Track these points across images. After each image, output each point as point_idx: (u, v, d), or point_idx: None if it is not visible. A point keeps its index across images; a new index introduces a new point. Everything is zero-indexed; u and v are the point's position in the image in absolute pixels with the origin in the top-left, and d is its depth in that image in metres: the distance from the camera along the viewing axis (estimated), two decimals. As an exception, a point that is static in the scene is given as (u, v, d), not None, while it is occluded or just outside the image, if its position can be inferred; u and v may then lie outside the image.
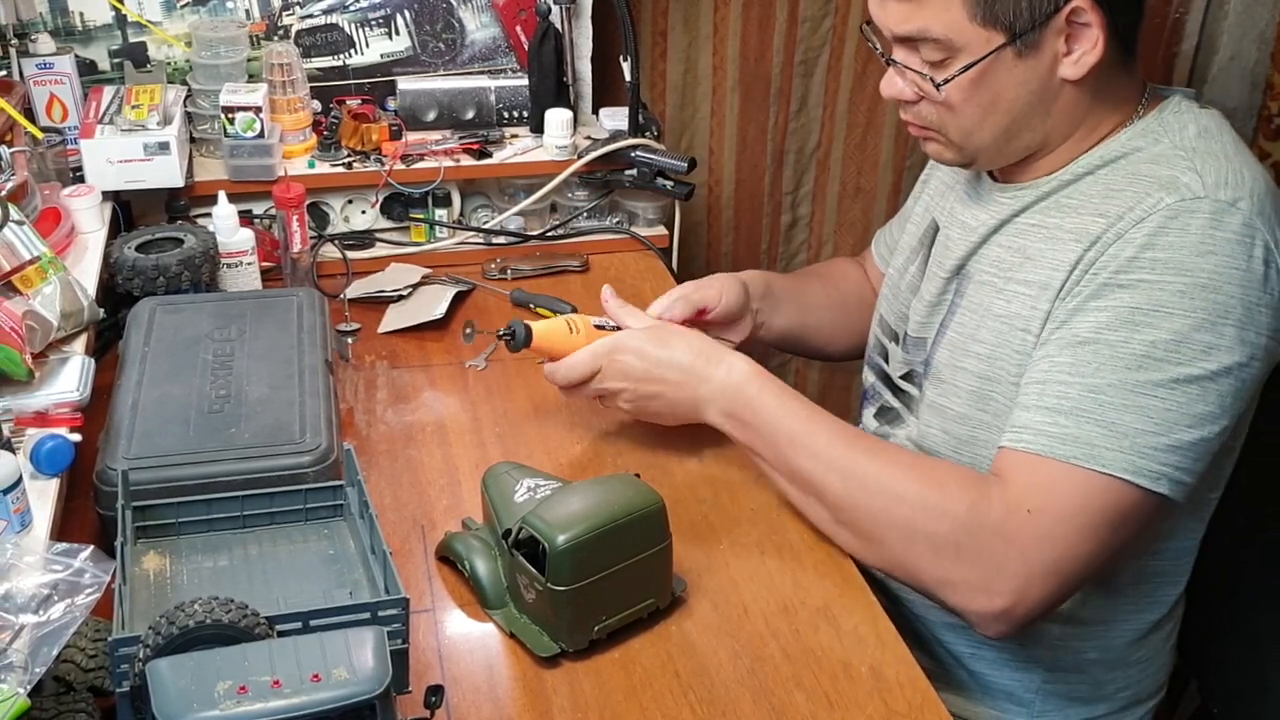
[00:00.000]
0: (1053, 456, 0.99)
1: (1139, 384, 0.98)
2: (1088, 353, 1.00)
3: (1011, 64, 1.03)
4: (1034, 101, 1.06)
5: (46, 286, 1.17)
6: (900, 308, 1.27)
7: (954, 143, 1.11)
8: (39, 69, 1.47)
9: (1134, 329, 0.99)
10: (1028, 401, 1.03)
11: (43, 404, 1.09)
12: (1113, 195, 1.05)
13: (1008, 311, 1.10)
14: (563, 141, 1.59)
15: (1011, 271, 1.11)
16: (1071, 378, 1.00)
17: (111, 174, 1.42)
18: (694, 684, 0.97)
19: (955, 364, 1.15)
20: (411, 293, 1.50)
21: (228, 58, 1.53)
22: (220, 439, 1.07)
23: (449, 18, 1.66)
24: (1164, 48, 1.92)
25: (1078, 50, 1.03)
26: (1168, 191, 1.01)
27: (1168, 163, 1.04)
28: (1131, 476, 0.98)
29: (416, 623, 1.00)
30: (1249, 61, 1.87)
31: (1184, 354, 0.98)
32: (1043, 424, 1.01)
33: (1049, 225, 1.09)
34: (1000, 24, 1.01)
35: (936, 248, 1.23)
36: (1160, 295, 0.98)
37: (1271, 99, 1.87)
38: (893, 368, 1.28)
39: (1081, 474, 0.98)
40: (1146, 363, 0.98)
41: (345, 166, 1.55)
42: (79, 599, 0.80)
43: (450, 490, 1.18)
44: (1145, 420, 0.98)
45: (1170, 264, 0.99)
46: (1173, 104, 1.10)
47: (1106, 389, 0.99)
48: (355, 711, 0.73)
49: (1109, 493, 0.98)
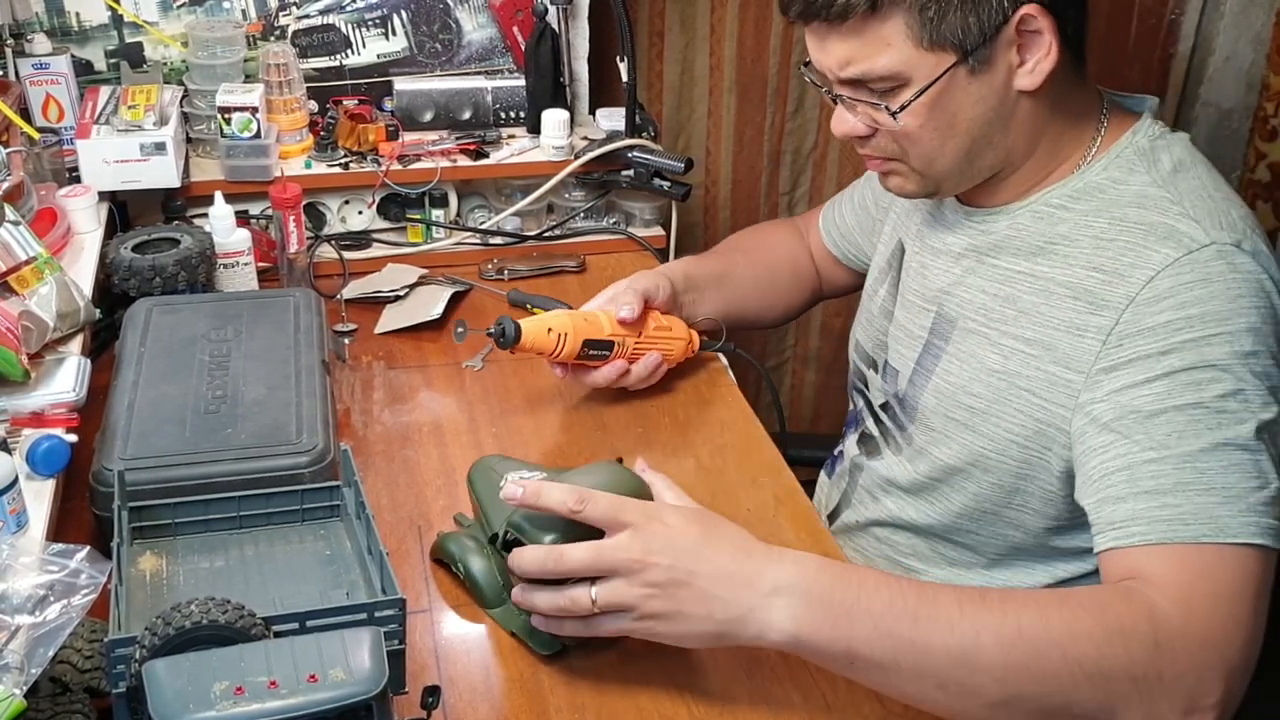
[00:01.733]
0: (1179, 541, 0.90)
1: (1227, 442, 0.92)
2: (1163, 425, 0.94)
3: (966, 82, 1.00)
4: (993, 119, 1.03)
5: (43, 287, 1.17)
6: (877, 334, 1.26)
7: (916, 171, 1.08)
8: (35, 69, 1.47)
9: (1199, 389, 0.94)
10: (1119, 493, 0.94)
11: (39, 404, 1.08)
12: (1103, 245, 1.01)
13: (1005, 368, 1.06)
14: (559, 142, 1.59)
15: (1003, 325, 1.07)
16: (1158, 453, 0.93)
17: (108, 174, 1.42)
18: (691, 684, 0.97)
19: (946, 414, 1.12)
20: (408, 293, 1.50)
21: (224, 58, 1.53)
22: (217, 439, 1.07)
23: (446, 18, 1.66)
24: (1160, 49, 1.93)
25: (1031, 59, 1.00)
26: (1168, 244, 0.98)
27: (1156, 207, 1.01)
28: (1260, 539, 0.91)
29: (413, 623, 1.00)
30: (1245, 63, 1.87)
31: (1254, 401, 0.94)
32: (1151, 511, 0.92)
33: (1038, 275, 1.05)
34: (949, 44, 0.98)
35: (905, 272, 1.21)
36: (1210, 351, 0.94)
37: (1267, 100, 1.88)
38: (873, 395, 1.27)
39: (1214, 550, 0.90)
40: (1224, 419, 0.93)
41: (342, 167, 1.55)
42: (75, 600, 0.80)
43: (447, 490, 1.18)
44: (1247, 477, 0.92)
45: (1207, 317, 0.95)
46: (1145, 128, 1.07)
47: (1200, 455, 0.92)
48: (352, 712, 0.73)
49: (1250, 561, 0.91)
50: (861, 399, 1.30)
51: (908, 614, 0.86)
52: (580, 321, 1.22)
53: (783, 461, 1.25)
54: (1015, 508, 1.10)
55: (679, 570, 0.88)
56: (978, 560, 1.16)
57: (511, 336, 1.18)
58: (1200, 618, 0.88)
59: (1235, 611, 0.90)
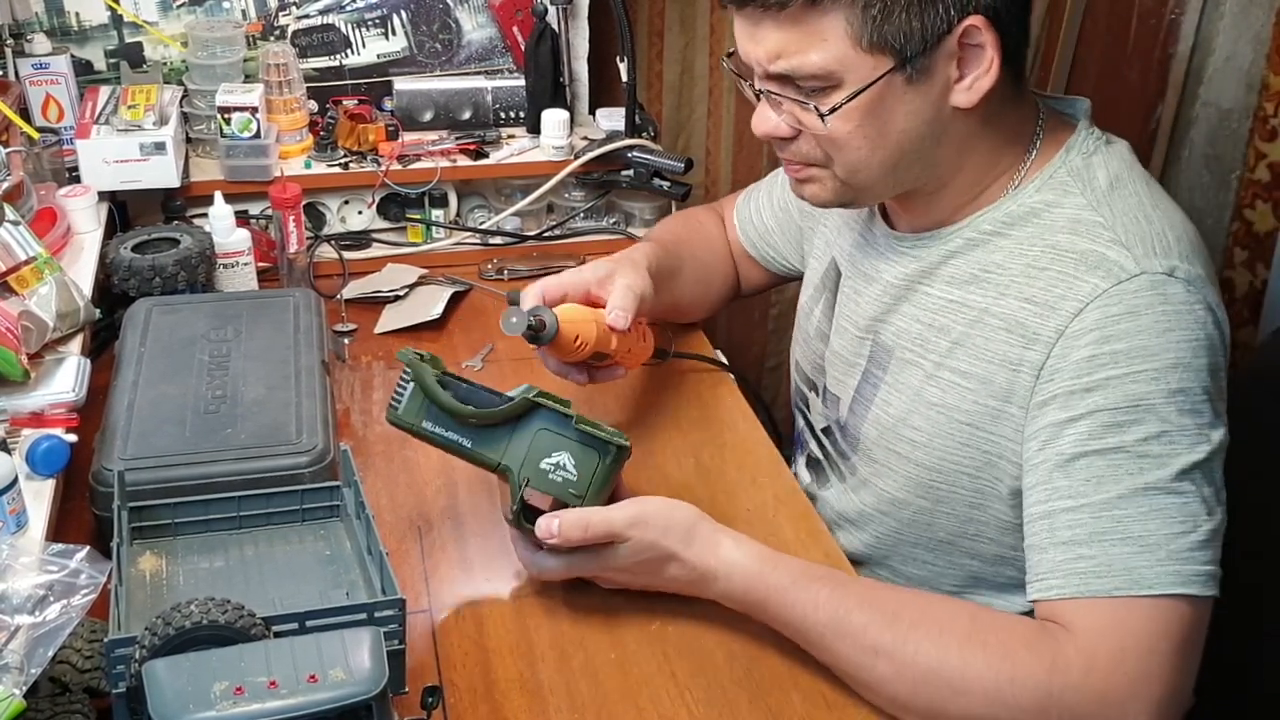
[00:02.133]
0: (1094, 595, 0.90)
1: (1147, 487, 0.90)
2: (1081, 470, 0.92)
3: (901, 91, 0.95)
4: (924, 132, 0.98)
5: (42, 287, 1.17)
6: (814, 357, 1.23)
7: (838, 179, 1.02)
8: (35, 69, 1.47)
9: (1121, 431, 0.91)
10: (1039, 541, 0.94)
11: (38, 404, 1.08)
12: (1035, 275, 0.98)
13: (943, 401, 1.04)
14: (559, 142, 1.59)
15: (940, 357, 1.04)
16: (1075, 501, 0.92)
17: (107, 174, 1.42)
18: (691, 684, 0.97)
19: (888, 447, 1.09)
20: (408, 293, 1.50)
21: (224, 58, 1.53)
22: (216, 439, 1.07)
23: (445, 18, 1.66)
24: (1160, 49, 1.93)
25: (970, 75, 0.95)
26: (1097, 274, 0.94)
27: (1089, 233, 0.97)
28: (1182, 589, 0.89)
29: (413, 623, 1.00)
30: (1245, 63, 1.87)
31: (1180, 443, 0.91)
32: (1066, 563, 0.91)
33: (971, 305, 1.02)
34: (889, 47, 0.93)
35: (841, 296, 1.18)
36: (1134, 388, 0.91)
37: (1267, 100, 1.87)
38: (814, 418, 1.25)
39: (1126, 603, 0.89)
40: (1146, 464, 0.91)
41: (342, 167, 1.55)
42: (75, 600, 0.80)
43: (447, 491, 1.18)
44: (1170, 523, 0.90)
45: (1132, 353, 0.92)
46: (1079, 143, 1.03)
47: (1118, 502, 0.91)
48: (352, 712, 0.73)
49: (1169, 612, 0.89)
50: (803, 419, 1.28)
51: (817, 632, 0.96)
52: (604, 333, 1.14)
53: (783, 462, 1.25)
54: (971, 537, 1.08)
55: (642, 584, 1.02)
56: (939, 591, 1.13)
57: (550, 335, 1.09)
58: (1101, 673, 0.88)
59: (1145, 667, 0.88)
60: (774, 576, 0.97)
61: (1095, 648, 0.89)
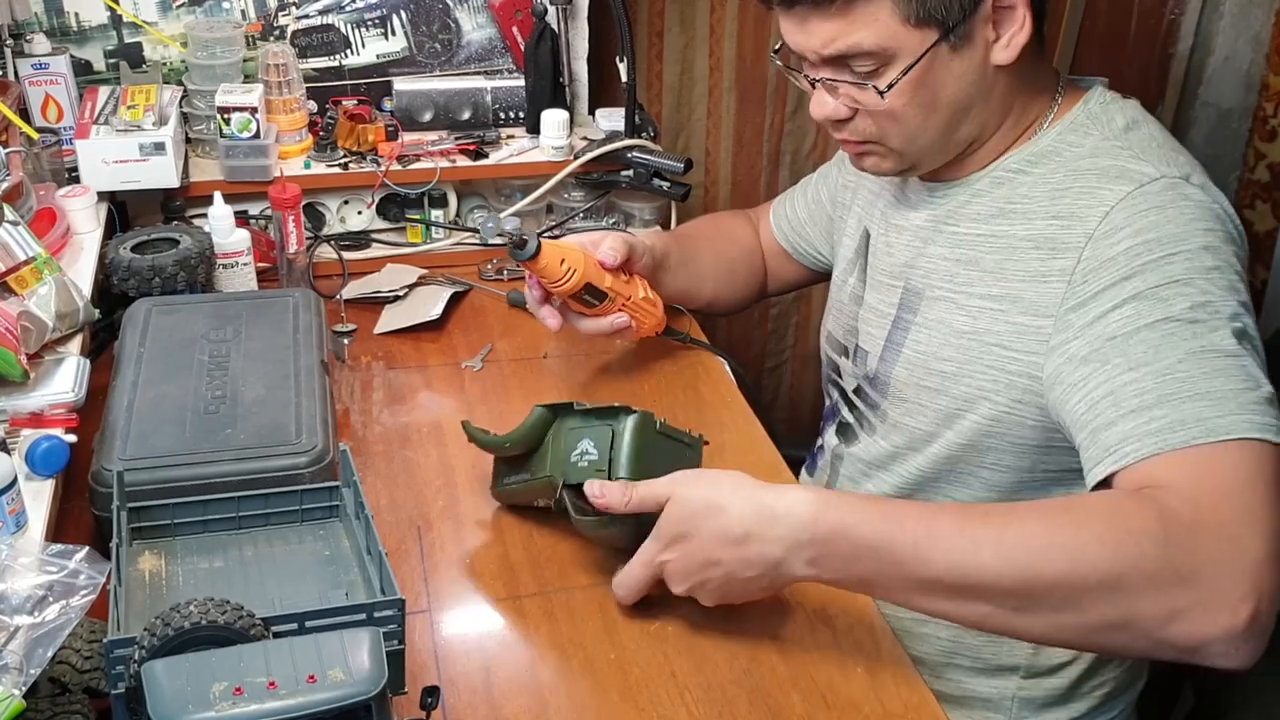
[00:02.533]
0: (1171, 449, 0.89)
1: (1204, 350, 0.93)
2: (1138, 344, 0.94)
3: (948, 59, 1.03)
4: (973, 93, 1.06)
5: (42, 287, 1.17)
6: (848, 321, 1.27)
7: (895, 150, 1.09)
8: (34, 69, 1.47)
9: (1168, 304, 0.95)
10: (1107, 418, 0.93)
11: (38, 405, 1.08)
12: (1059, 195, 1.05)
13: (974, 328, 1.08)
14: (559, 142, 1.59)
15: (968, 286, 1.09)
16: (1137, 373, 0.93)
17: (107, 174, 1.42)
18: (690, 684, 0.97)
19: (918, 383, 1.13)
20: (408, 293, 1.50)
21: (223, 58, 1.53)
22: (216, 440, 1.07)
23: (445, 18, 1.66)
24: (1160, 49, 1.93)
25: (1006, 33, 1.03)
26: (1121, 181, 1.02)
27: (1108, 154, 1.05)
28: (1257, 433, 0.89)
29: (412, 624, 1.00)
30: (1244, 63, 1.87)
31: (1224, 311, 0.95)
32: (1140, 427, 0.91)
33: (999, 235, 1.08)
34: (934, 20, 1.00)
35: (873, 254, 1.23)
36: (1171, 268, 0.96)
37: (1266, 100, 1.88)
38: (845, 382, 1.28)
39: (1211, 448, 0.88)
40: (1198, 329, 0.94)
41: (341, 167, 1.55)
42: (74, 600, 0.80)
43: (446, 491, 1.18)
44: (1233, 380, 0.91)
45: (1164, 240, 0.98)
46: (1096, 95, 1.11)
47: (1179, 365, 0.92)
48: (351, 713, 0.73)
49: (1258, 453, 0.88)
50: (836, 390, 1.31)
51: (909, 543, 0.89)
52: (591, 265, 1.24)
53: (782, 461, 1.25)
54: (989, 466, 1.11)
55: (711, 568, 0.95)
56: None
57: (531, 251, 1.18)
58: (1210, 510, 0.86)
59: (1248, 502, 0.87)
60: (844, 501, 0.92)
61: (1197, 491, 0.87)
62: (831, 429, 1.31)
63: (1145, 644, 0.87)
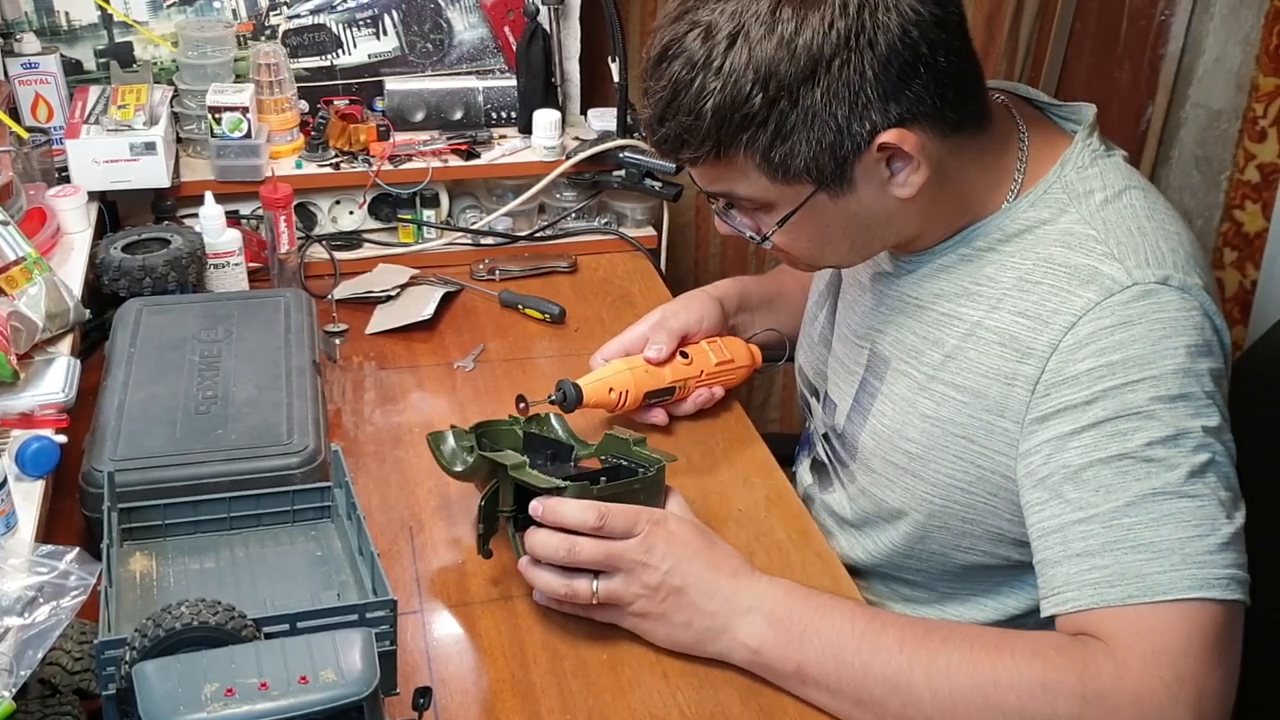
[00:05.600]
0: (1107, 605, 0.88)
1: (1155, 492, 0.89)
2: (1090, 480, 0.91)
3: (830, 204, 0.97)
4: (871, 221, 0.99)
5: (32, 287, 1.17)
6: (817, 363, 1.24)
7: (805, 263, 1.07)
8: (24, 69, 1.46)
9: (1125, 439, 0.90)
10: (1053, 556, 0.92)
11: (28, 405, 1.08)
12: (1028, 289, 0.98)
13: (937, 415, 1.03)
14: (551, 142, 1.59)
15: (933, 369, 1.04)
16: (1085, 512, 0.90)
17: (97, 174, 1.41)
18: (682, 684, 0.97)
19: (885, 458, 1.09)
20: (399, 293, 1.50)
21: (214, 58, 1.53)
22: (207, 440, 1.06)
23: (437, 18, 1.66)
24: (1150, 50, 1.93)
25: (902, 173, 0.95)
26: (1090, 288, 0.94)
27: (1081, 247, 0.96)
28: (1200, 593, 0.86)
29: (404, 624, 1.00)
30: (1234, 64, 1.88)
31: (1186, 445, 0.89)
32: (1080, 575, 0.90)
33: (964, 318, 1.02)
34: (805, 177, 0.94)
35: (841, 302, 1.19)
36: (1134, 397, 0.90)
37: (1256, 101, 1.88)
38: (816, 424, 1.26)
39: (1150, 609, 0.87)
40: (1153, 468, 0.89)
41: (333, 167, 1.55)
42: (64, 601, 0.80)
43: (438, 491, 1.17)
44: (1182, 528, 0.88)
45: (1129, 363, 0.91)
46: (1073, 158, 1.01)
47: (1127, 510, 0.89)
48: (343, 713, 0.73)
49: (1196, 615, 0.87)
50: (810, 421, 1.29)
51: (854, 641, 0.93)
52: (641, 374, 1.23)
53: (774, 462, 1.25)
54: (964, 550, 1.08)
55: (673, 577, 0.97)
56: (930, 596, 1.14)
57: (573, 400, 1.19)
58: (1135, 676, 0.86)
59: (1179, 670, 0.86)
60: (804, 592, 0.97)
61: (1126, 652, 0.87)
62: (806, 463, 1.28)
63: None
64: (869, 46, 0.89)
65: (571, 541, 0.96)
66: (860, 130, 0.92)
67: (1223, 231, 1.93)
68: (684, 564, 0.97)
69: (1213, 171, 1.93)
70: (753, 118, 0.92)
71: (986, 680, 0.88)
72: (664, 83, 0.94)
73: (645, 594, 0.97)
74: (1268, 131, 1.88)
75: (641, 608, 0.98)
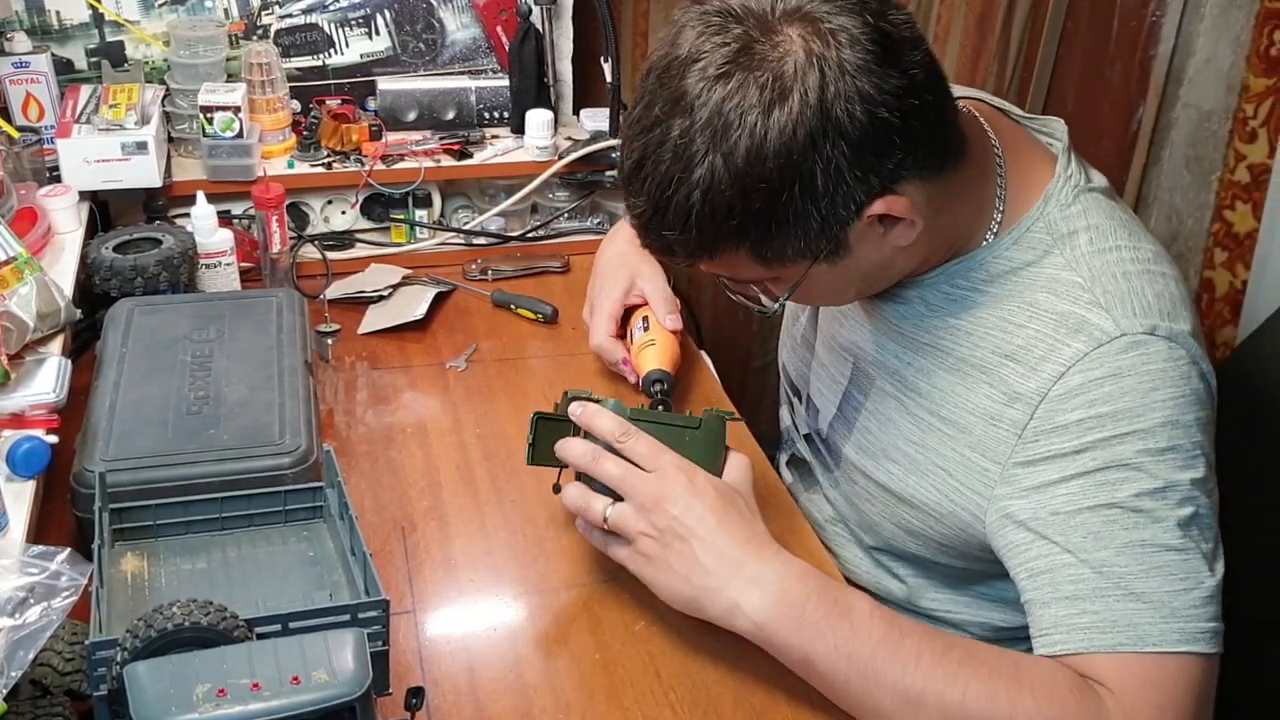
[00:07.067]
0: (1098, 650, 0.89)
1: (1143, 544, 0.90)
2: (1078, 525, 0.91)
3: (829, 269, 0.95)
4: (873, 270, 0.98)
5: (22, 287, 1.16)
6: (800, 365, 1.24)
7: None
8: (15, 68, 1.46)
9: (1113, 489, 0.91)
10: (1042, 596, 0.92)
11: (19, 405, 1.08)
12: (1012, 331, 0.97)
13: (922, 441, 1.04)
14: (543, 142, 1.59)
15: (919, 397, 1.04)
16: (1073, 557, 0.91)
17: (88, 174, 1.41)
18: (675, 684, 0.97)
19: (868, 473, 1.10)
20: (392, 293, 1.49)
21: (206, 57, 1.52)
22: (199, 440, 1.06)
23: (429, 18, 1.66)
24: (1141, 50, 1.94)
25: (897, 229, 0.94)
26: (1078, 338, 0.93)
27: (1068, 294, 0.96)
28: (1188, 646, 0.88)
29: (397, 624, 1.00)
30: (1225, 65, 1.88)
31: (1173, 498, 0.90)
32: (1071, 619, 0.90)
33: (948, 351, 1.01)
34: (799, 257, 0.93)
35: (824, 312, 1.19)
36: (1123, 449, 0.91)
37: (1247, 102, 1.89)
38: (799, 424, 1.26)
39: (1136, 658, 0.88)
40: (1140, 519, 0.90)
41: (325, 167, 1.55)
42: (56, 602, 0.80)
43: (431, 491, 1.17)
44: (1170, 580, 0.89)
45: (1119, 415, 0.91)
46: (1055, 193, 1.00)
47: (1116, 559, 0.90)
48: (335, 714, 0.73)
49: (1190, 668, 0.88)
50: (789, 418, 1.29)
51: (869, 647, 0.91)
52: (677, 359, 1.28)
53: (767, 461, 1.25)
54: (946, 560, 1.09)
55: (681, 525, 0.95)
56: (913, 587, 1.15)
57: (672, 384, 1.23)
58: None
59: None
60: (822, 581, 0.94)
61: (1134, 702, 0.88)
62: (784, 458, 1.28)
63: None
64: (840, 138, 0.86)
65: (598, 452, 0.98)
66: (847, 209, 0.90)
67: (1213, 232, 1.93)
68: (696, 516, 0.95)
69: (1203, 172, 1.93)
70: (736, 226, 0.90)
71: (1002, 715, 0.88)
72: (644, 198, 0.92)
73: (652, 535, 0.96)
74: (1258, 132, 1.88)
75: (645, 548, 0.96)
